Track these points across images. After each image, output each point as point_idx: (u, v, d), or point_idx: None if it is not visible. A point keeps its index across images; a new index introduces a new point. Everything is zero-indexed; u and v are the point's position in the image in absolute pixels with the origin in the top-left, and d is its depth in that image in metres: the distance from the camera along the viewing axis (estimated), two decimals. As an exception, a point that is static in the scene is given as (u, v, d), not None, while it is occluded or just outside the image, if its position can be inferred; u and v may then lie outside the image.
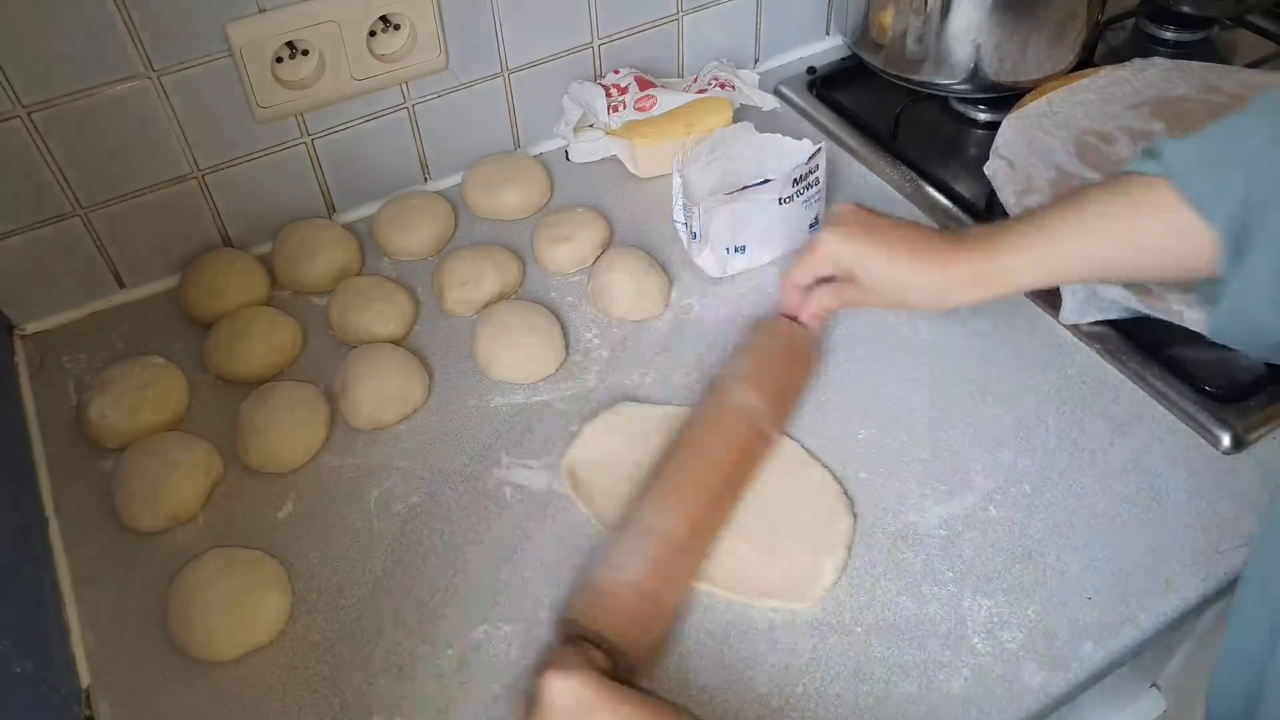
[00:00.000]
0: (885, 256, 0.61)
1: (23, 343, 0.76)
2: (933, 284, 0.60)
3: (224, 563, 0.60)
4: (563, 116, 0.90)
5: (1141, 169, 0.56)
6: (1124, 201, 0.57)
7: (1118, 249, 0.58)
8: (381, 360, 0.71)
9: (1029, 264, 0.59)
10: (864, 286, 0.63)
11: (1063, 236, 0.58)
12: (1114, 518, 0.63)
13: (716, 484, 0.60)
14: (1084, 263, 0.59)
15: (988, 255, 0.60)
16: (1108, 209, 0.57)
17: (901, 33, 0.87)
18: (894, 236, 0.62)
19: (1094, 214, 0.57)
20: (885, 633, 0.58)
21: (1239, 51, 1.00)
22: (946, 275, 0.60)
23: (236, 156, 0.78)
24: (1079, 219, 0.58)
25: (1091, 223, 0.58)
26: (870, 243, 0.62)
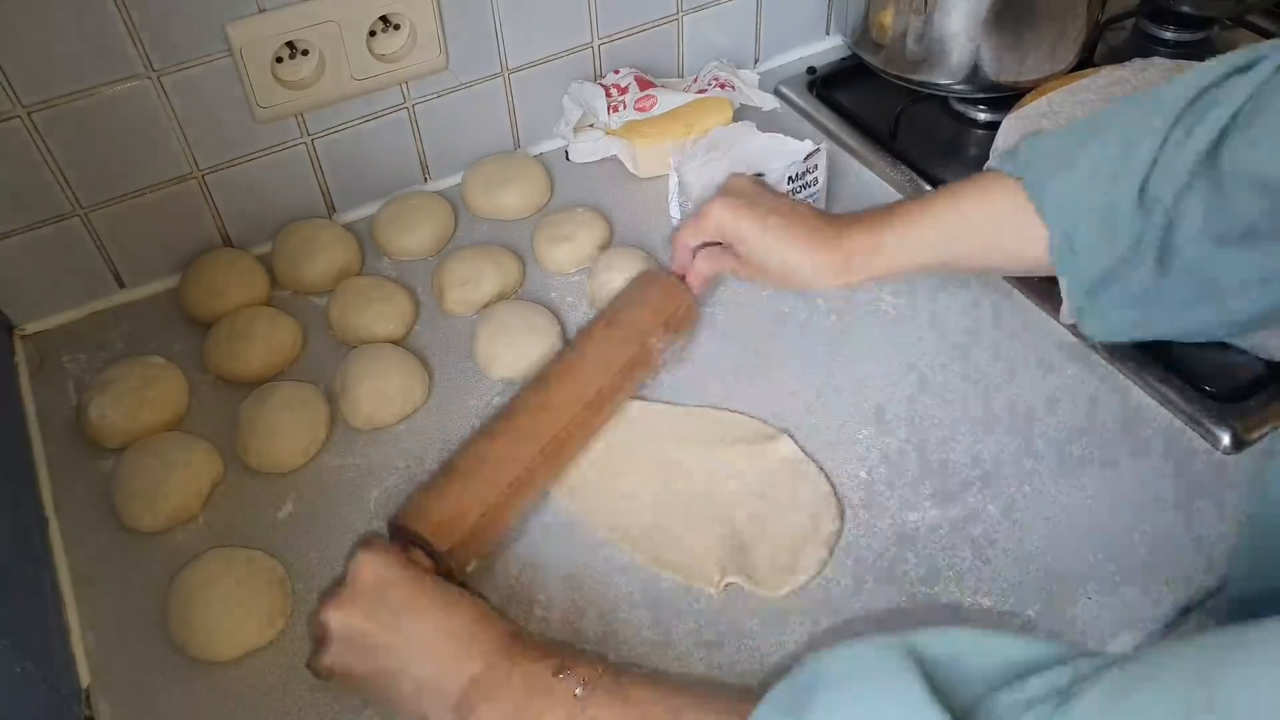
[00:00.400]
0: (765, 233, 0.64)
1: (23, 343, 0.76)
2: (807, 263, 0.64)
3: (224, 563, 0.60)
4: (563, 116, 0.90)
5: (1001, 167, 0.61)
6: (976, 198, 0.61)
7: (969, 241, 0.62)
8: (381, 360, 0.71)
9: (891, 254, 0.63)
10: (745, 259, 0.66)
11: (921, 227, 0.62)
12: (1113, 518, 0.63)
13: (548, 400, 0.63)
14: (937, 255, 0.63)
15: (858, 238, 0.63)
16: (960, 204, 0.62)
17: (901, 33, 0.87)
18: (777, 215, 0.65)
19: (948, 206, 0.62)
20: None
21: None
22: (820, 256, 0.63)
23: (236, 156, 0.78)
24: (935, 211, 0.62)
25: (947, 215, 0.62)
26: (753, 218, 0.64)
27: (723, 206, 0.66)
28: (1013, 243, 0.61)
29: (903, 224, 0.63)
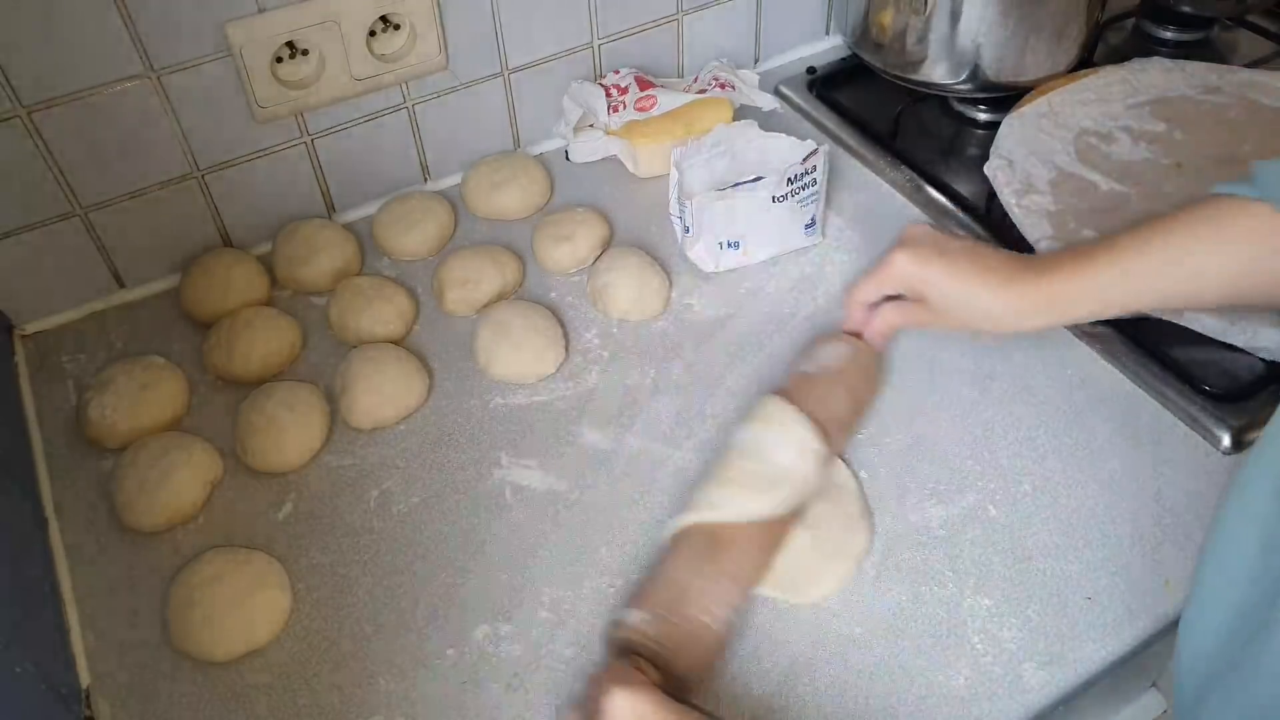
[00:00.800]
0: (957, 278, 0.60)
1: (23, 342, 0.76)
2: (1006, 308, 0.59)
3: (224, 563, 0.60)
4: (563, 116, 0.90)
5: (1233, 191, 0.55)
6: (1214, 226, 0.55)
7: (1209, 276, 0.56)
8: (381, 360, 0.71)
9: (1112, 290, 0.58)
10: (934, 308, 0.62)
11: (1150, 264, 0.56)
12: (1114, 517, 0.63)
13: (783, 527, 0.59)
14: (1171, 291, 0.57)
15: (1065, 279, 0.58)
16: (1198, 234, 0.55)
17: (901, 32, 0.87)
18: (966, 258, 0.61)
19: (1183, 239, 0.56)
20: (885, 633, 0.58)
21: (1239, 51, 1.00)
22: (1020, 299, 0.59)
23: (236, 156, 0.78)
24: (1163, 245, 0.56)
25: (1184, 248, 0.56)
26: (943, 264, 0.60)
27: (907, 257, 0.62)
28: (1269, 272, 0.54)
29: (1125, 260, 0.57)
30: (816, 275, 0.79)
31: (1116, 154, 0.80)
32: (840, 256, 0.81)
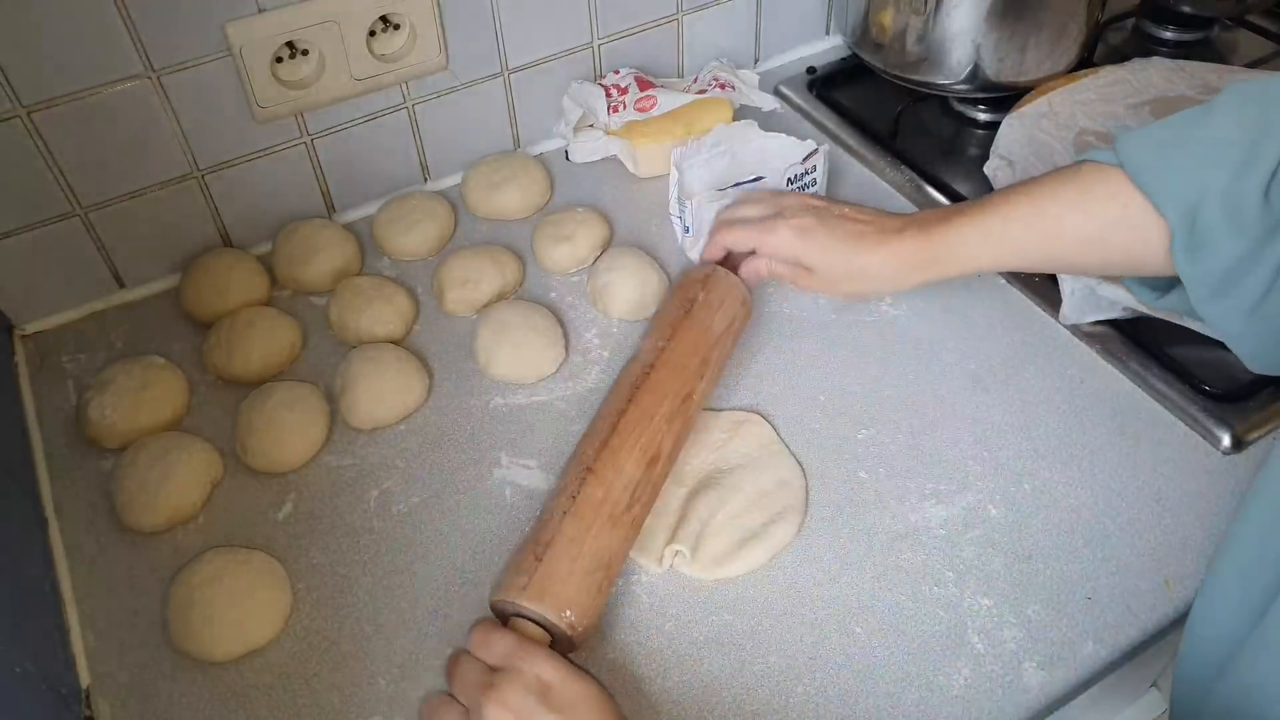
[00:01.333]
0: (839, 247, 0.63)
1: (22, 343, 0.76)
2: (883, 266, 0.63)
3: (224, 563, 0.60)
4: (563, 116, 0.90)
5: (1096, 157, 0.57)
6: (1075, 188, 0.57)
7: (1067, 237, 0.58)
8: (381, 360, 0.70)
9: (980, 247, 0.60)
10: (816, 273, 0.66)
11: (1014, 221, 0.59)
12: (1113, 518, 0.63)
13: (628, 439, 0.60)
14: (1033, 249, 0.59)
15: (940, 238, 0.61)
16: (1059, 195, 0.58)
17: (901, 32, 0.87)
18: (844, 224, 0.64)
19: (1046, 200, 0.58)
20: (885, 633, 0.58)
21: (1239, 51, 1.00)
22: (896, 257, 0.62)
23: (236, 156, 0.78)
24: (1030, 204, 0.59)
25: (1043, 209, 0.58)
26: (824, 233, 0.64)
27: (791, 232, 0.65)
28: (1121, 239, 0.56)
29: (991, 218, 0.60)
30: (816, 275, 0.79)
31: (1116, 154, 0.80)
32: (840, 256, 0.80)
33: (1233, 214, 0.51)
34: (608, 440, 0.59)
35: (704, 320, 0.66)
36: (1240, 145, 0.50)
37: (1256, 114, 0.50)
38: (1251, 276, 0.51)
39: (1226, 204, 0.50)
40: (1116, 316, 0.71)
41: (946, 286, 0.77)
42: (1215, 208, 0.51)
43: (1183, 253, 0.53)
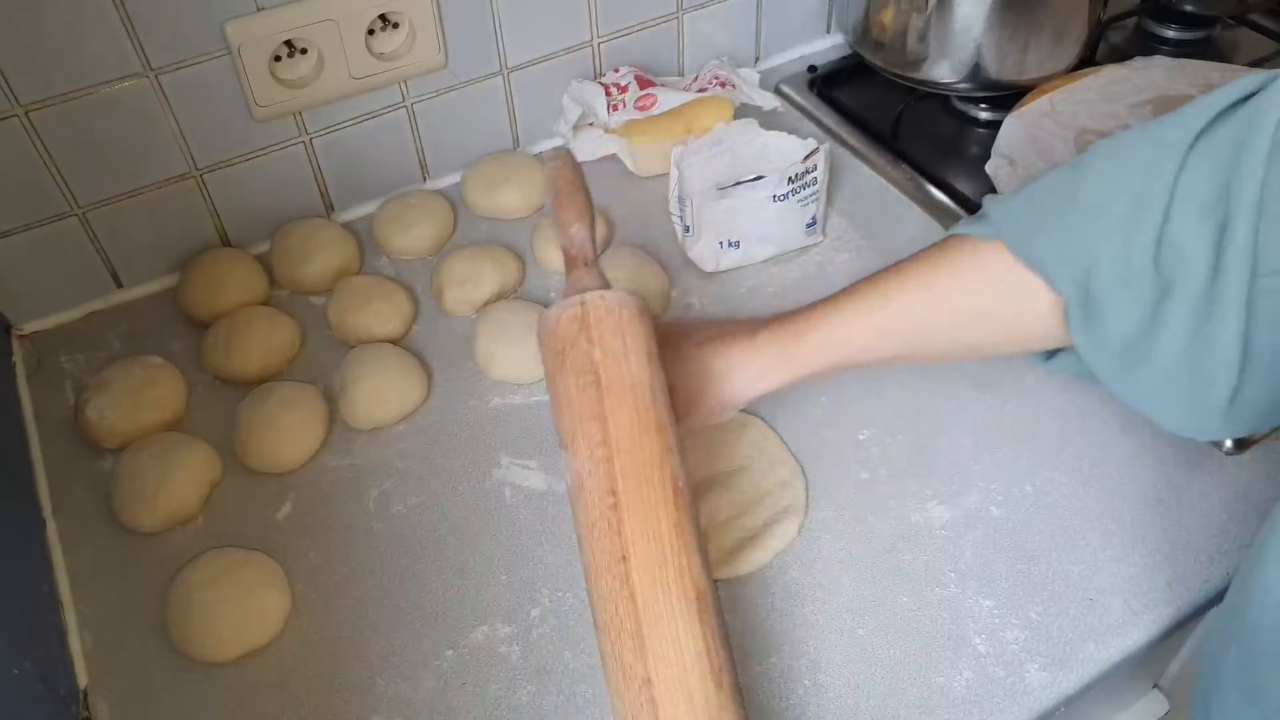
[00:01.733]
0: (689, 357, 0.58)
1: (20, 343, 0.76)
2: (732, 368, 0.57)
3: (223, 563, 0.60)
4: (562, 115, 0.90)
5: (969, 231, 0.52)
6: (950, 266, 0.53)
7: (943, 318, 0.53)
8: (380, 360, 0.70)
9: (840, 339, 0.55)
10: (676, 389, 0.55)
11: (880, 306, 0.54)
12: (1115, 519, 0.62)
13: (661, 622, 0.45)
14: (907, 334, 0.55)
15: (795, 334, 0.56)
16: (933, 276, 0.53)
17: (902, 31, 0.87)
18: (694, 339, 0.59)
19: (915, 282, 0.54)
20: (886, 634, 0.57)
21: (1241, 50, 0.99)
22: (751, 358, 0.57)
23: (235, 155, 0.78)
24: (899, 288, 0.54)
25: (913, 296, 0.54)
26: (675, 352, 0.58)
27: None
28: (1003, 315, 0.52)
29: (854, 308, 0.55)
30: (817, 275, 0.79)
31: (1118, 153, 0.80)
32: (841, 256, 0.80)
33: (1126, 279, 0.47)
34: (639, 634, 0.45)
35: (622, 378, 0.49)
36: (1121, 204, 0.47)
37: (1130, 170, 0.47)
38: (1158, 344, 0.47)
39: (1117, 269, 0.47)
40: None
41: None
42: (1107, 275, 0.47)
43: (1080, 325, 0.49)
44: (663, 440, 0.48)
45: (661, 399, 0.50)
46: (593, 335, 0.50)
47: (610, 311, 0.51)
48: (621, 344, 0.50)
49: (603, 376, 0.49)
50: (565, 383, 0.49)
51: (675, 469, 0.48)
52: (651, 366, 0.50)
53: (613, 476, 0.46)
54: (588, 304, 0.51)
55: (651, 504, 0.46)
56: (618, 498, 0.46)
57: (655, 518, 0.46)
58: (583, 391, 0.49)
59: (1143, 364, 0.48)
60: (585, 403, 0.48)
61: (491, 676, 0.57)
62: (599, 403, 0.48)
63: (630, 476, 0.47)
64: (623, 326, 0.50)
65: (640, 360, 0.50)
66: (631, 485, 0.46)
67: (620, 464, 0.47)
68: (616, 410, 0.48)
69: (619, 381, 0.49)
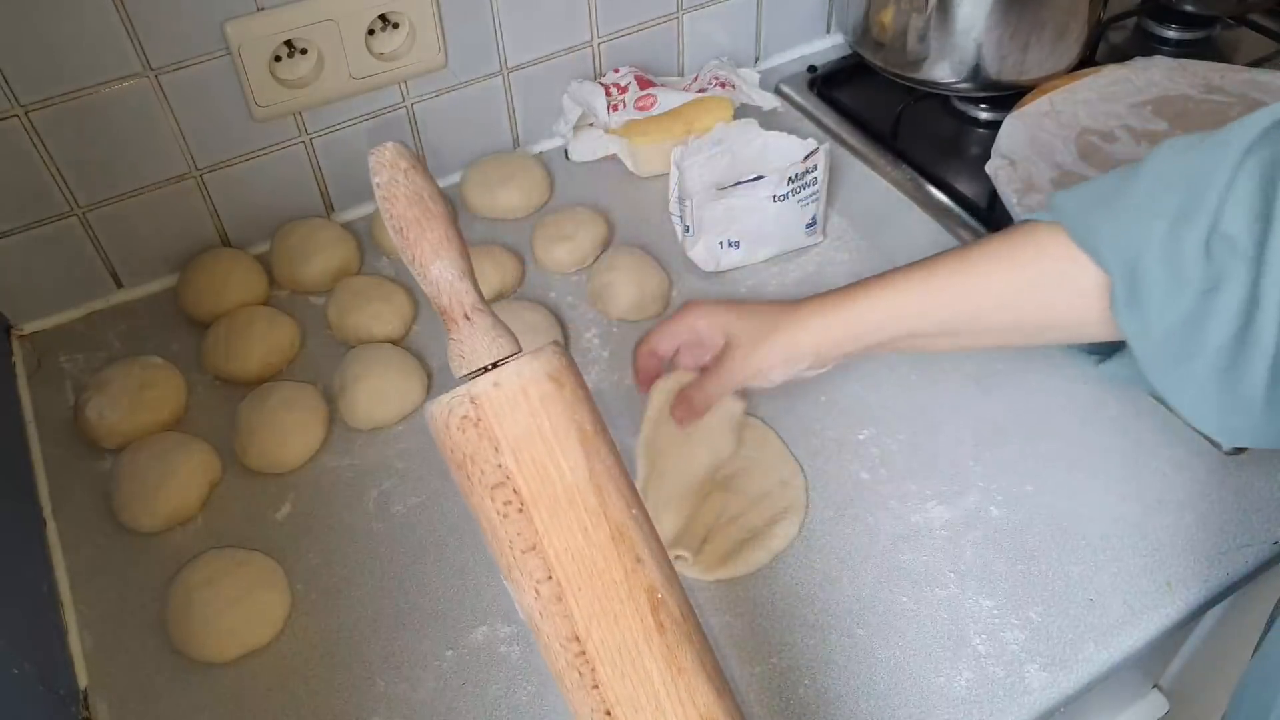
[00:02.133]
0: (753, 312, 0.60)
1: (20, 343, 0.76)
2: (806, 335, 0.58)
3: (223, 563, 0.60)
4: (562, 115, 0.90)
5: (1034, 217, 0.55)
6: (1007, 247, 0.55)
7: (999, 295, 0.55)
8: (380, 360, 0.70)
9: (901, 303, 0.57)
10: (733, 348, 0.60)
11: (936, 288, 0.56)
12: (1116, 519, 0.62)
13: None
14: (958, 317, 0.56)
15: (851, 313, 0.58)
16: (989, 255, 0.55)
17: (902, 31, 0.87)
18: (757, 303, 0.61)
19: (977, 262, 0.55)
20: (886, 634, 0.57)
21: (1241, 50, 0.99)
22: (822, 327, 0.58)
23: (235, 155, 0.78)
24: (952, 271, 0.56)
25: (970, 272, 0.55)
26: (736, 307, 0.61)
27: (700, 308, 0.61)
28: (1051, 296, 0.54)
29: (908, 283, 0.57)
30: (817, 275, 0.79)
31: (1118, 153, 0.80)
32: (841, 256, 0.80)
33: (1173, 267, 0.48)
34: None
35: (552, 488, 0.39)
36: (1176, 198, 0.48)
37: (1189, 167, 0.49)
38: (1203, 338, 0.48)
39: (1166, 256, 0.48)
40: (1118, 316, 0.71)
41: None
42: (1155, 259, 0.48)
43: (1125, 307, 0.50)
44: (626, 550, 0.39)
45: (613, 488, 0.40)
46: (498, 439, 0.39)
47: (513, 401, 0.39)
48: (541, 441, 0.39)
49: (525, 492, 0.38)
50: (481, 504, 0.39)
51: (650, 578, 0.39)
52: (589, 451, 0.40)
53: (570, 619, 0.38)
54: (480, 400, 0.39)
55: (627, 641, 0.38)
56: (583, 644, 0.38)
57: (635, 656, 0.38)
58: (505, 518, 0.39)
59: (1186, 359, 0.49)
60: (512, 531, 0.39)
61: (491, 676, 0.57)
62: (529, 528, 0.38)
63: (593, 614, 0.38)
64: (536, 415, 0.39)
65: (572, 453, 0.39)
66: (597, 625, 0.38)
67: (577, 601, 0.38)
68: (554, 533, 0.38)
69: (549, 494, 0.39)
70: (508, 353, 0.42)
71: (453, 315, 0.42)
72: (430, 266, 0.41)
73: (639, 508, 0.41)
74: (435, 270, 0.41)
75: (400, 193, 0.42)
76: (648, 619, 0.39)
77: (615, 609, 0.38)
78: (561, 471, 0.39)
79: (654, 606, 0.39)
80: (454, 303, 0.42)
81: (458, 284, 0.42)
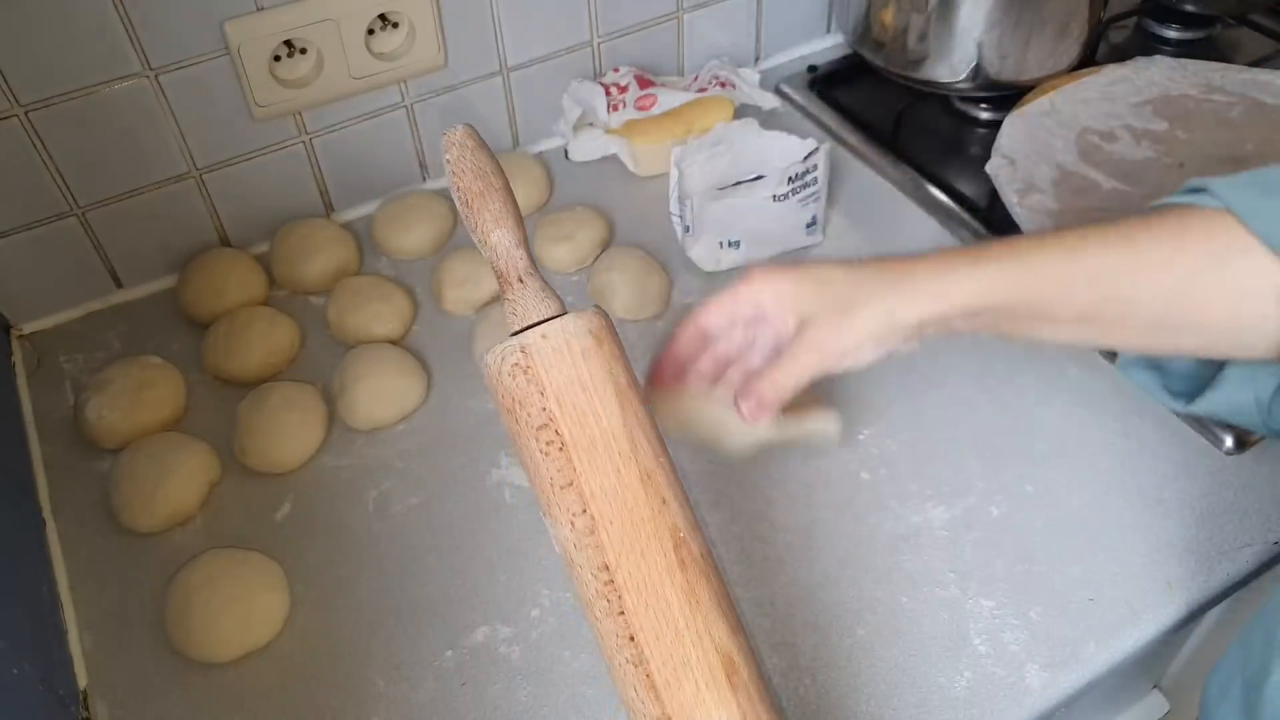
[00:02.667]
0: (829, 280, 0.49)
1: (20, 343, 0.76)
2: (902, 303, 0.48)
3: (222, 563, 0.60)
4: (562, 115, 0.89)
5: (1194, 201, 0.45)
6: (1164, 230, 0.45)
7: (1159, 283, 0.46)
8: (380, 360, 0.70)
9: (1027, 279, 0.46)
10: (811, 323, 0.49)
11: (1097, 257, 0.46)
12: (1116, 519, 0.62)
13: None
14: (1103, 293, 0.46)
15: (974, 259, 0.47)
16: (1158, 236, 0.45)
17: (903, 31, 0.87)
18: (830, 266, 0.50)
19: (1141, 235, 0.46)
20: (886, 634, 0.57)
21: (1241, 50, 0.99)
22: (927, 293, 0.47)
23: (234, 155, 0.78)
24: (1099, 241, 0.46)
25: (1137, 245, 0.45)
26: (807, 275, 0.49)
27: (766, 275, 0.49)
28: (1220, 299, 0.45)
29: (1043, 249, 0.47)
30: (817, 275, 0.79)
31: (1119, 153, 0.80)
32: (842, 256, 0.80)
33: None
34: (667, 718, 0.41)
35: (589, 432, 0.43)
36: None
37: None
38: None
39: None
40: (1119, 316, 0.71)
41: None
42: None
43: None
44: (653, 492, 0.43)
45: (643, 437, 0.44)
46: (544, 385, 0.43)
47: (559, 352, 0.43)
48: (581, 389, 0.43)
49: (566, 434, 0.42)
50: (526, 444, 0.43)
51: (674, 519, 0.43)
52: (623, 402, 0.44)
53: (601, 550, 0.42)
54: (529, 349, 0.43)
55: (652, 575, 0.41)
56: (612, 574, 0.41)
57: (659, 588, 0.41)
58: (548, 456, 0.43)
59: None
60: (553, 468, 0.43)
61: (491, 677, 0.57)
62: (569, 466, 0.42)
63: (622, 547, 0.42)
64: (578, 366, 0.43)
65: (608, 402, 0.43)
66: (625, 557, 0.42)
67: (608, 535, 0.42)
68: (590, 472, 0.42)
69: (587, 436, 0.43)
70: (554, 313, 0.46)
71: (508, 278, 0.47)
72: (491, 234, 0.47)
73: (665, 456, 0.44)
74: (495, 237, 0.47)
75: (468, 167, 0.47)
76: (670, 555, 0.42)
77: (642, 544, 0.42)
78: (599, 416, 0.43)
79: (676, 544, 0.42)
80: (510, 267, 0.47)
81: (514, 250, 0.47)
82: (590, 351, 0.44)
